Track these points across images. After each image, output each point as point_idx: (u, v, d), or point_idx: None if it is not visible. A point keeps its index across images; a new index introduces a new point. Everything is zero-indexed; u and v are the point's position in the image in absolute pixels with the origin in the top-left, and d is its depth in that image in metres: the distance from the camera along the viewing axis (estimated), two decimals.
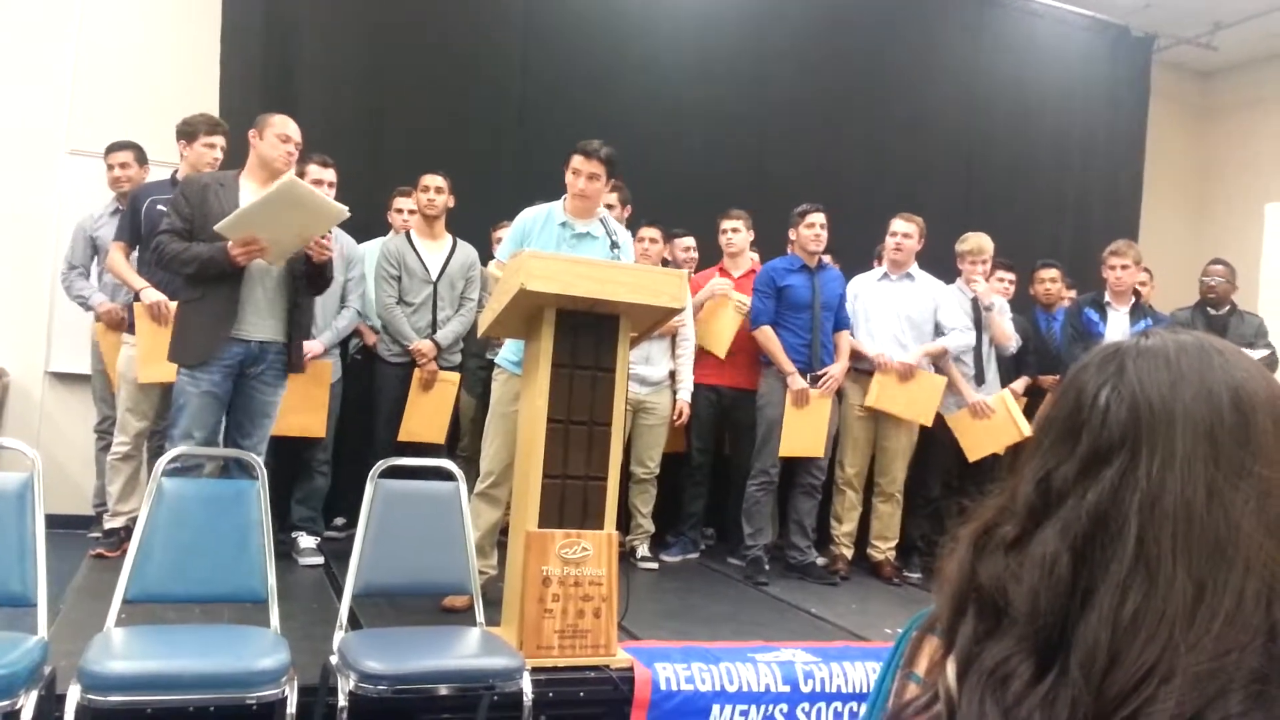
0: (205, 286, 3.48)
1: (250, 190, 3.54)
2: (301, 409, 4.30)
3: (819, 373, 4.74)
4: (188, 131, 4.26)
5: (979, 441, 4.95)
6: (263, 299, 3.54)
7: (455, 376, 4.68)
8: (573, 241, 3.76)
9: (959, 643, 0.75)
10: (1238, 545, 0.68)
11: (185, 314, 3.57)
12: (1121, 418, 0.73)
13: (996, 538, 0.76)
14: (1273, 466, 0.71)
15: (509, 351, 3.78)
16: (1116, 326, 4.96)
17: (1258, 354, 5.22)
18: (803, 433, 4.72)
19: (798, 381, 4.68)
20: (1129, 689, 0.66)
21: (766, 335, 4.75)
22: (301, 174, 4.36)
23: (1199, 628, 0.66)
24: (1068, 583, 0.70)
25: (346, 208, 3.51)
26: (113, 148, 4.57)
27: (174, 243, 3.47)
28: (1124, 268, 4.93)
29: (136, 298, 4.03)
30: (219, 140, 4.28)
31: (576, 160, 3.73)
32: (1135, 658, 0.66)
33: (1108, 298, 5.02)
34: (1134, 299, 5.06)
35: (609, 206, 5.01)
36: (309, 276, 3.62)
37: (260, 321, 3.54)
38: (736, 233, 5.07)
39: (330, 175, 4.41)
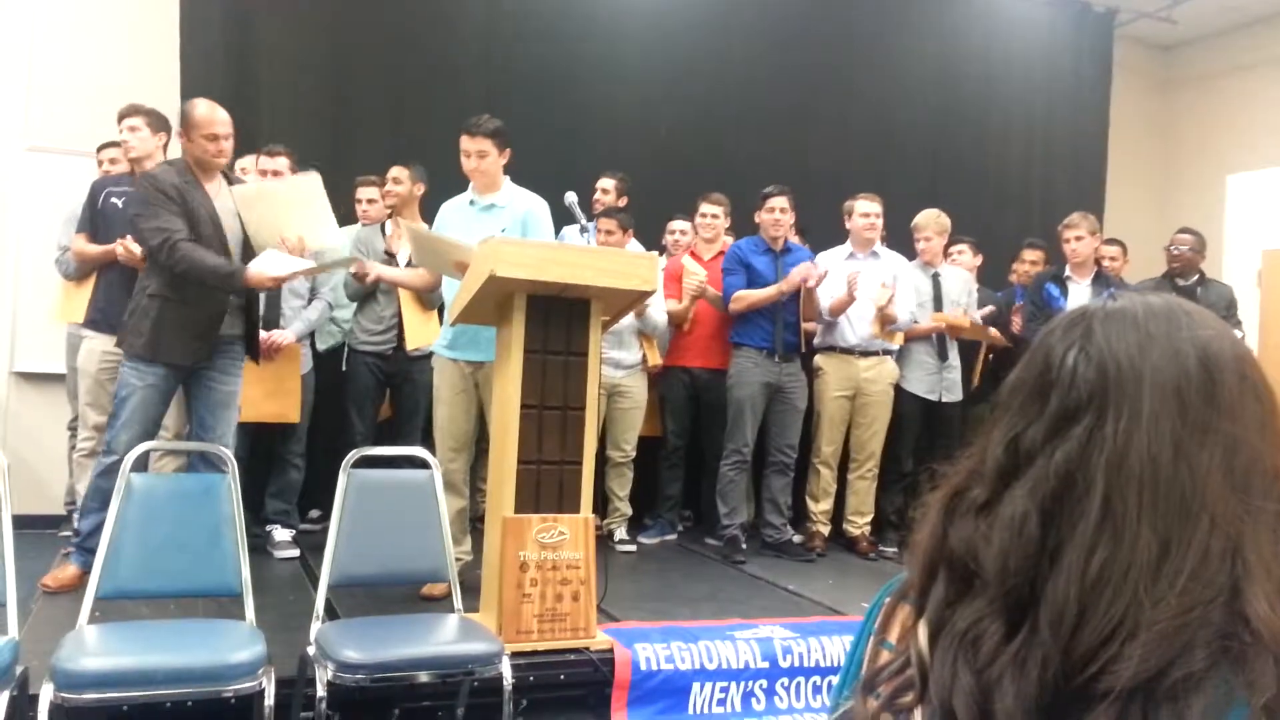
0: (198, 292, 3.47)
1: (215, 193, 3.57)
2: (274, 395, 4.28)
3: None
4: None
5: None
6: (233, 297, 3.57)
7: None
8: (479, 215, 3.80)
9: (930, 607, 0.75)
10: (1203, 502, 0.69)
11: (164, 312, 3.48)
12: (1089, 377, 0.73)
13: (966, 501, 0.76)
14: (1238, 423, 0.71)
15: (442, 337, 3.79)
16: (1078, 299, 4.99)
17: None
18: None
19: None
20: (1096, 645, 0.66)
21: (742, 297, 4.74)
22: (232, 166, 4.32)
23: (1164, 584, 0.67)
24: (1037, 542, 0.70)
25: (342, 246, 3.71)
26: (105, 145, 4.57)
27: (195, 250, 3.42)
28: (1079, 239, 4.96)
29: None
30: (137, 122, 4.16)
31: (463, 141, 3.77)
32: (1102, 614, 0.66)
33: (1068, 271, 5.05)
34: (1095, 270, 5.09)
35: (604, 191, 5.03)
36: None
37: (230, 318, 3.58)
38: (716, 219, 5.10)
39: (278, 164, 4.36)
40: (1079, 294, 4.99)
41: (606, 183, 5.13)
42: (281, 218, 3.56)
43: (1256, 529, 0.69)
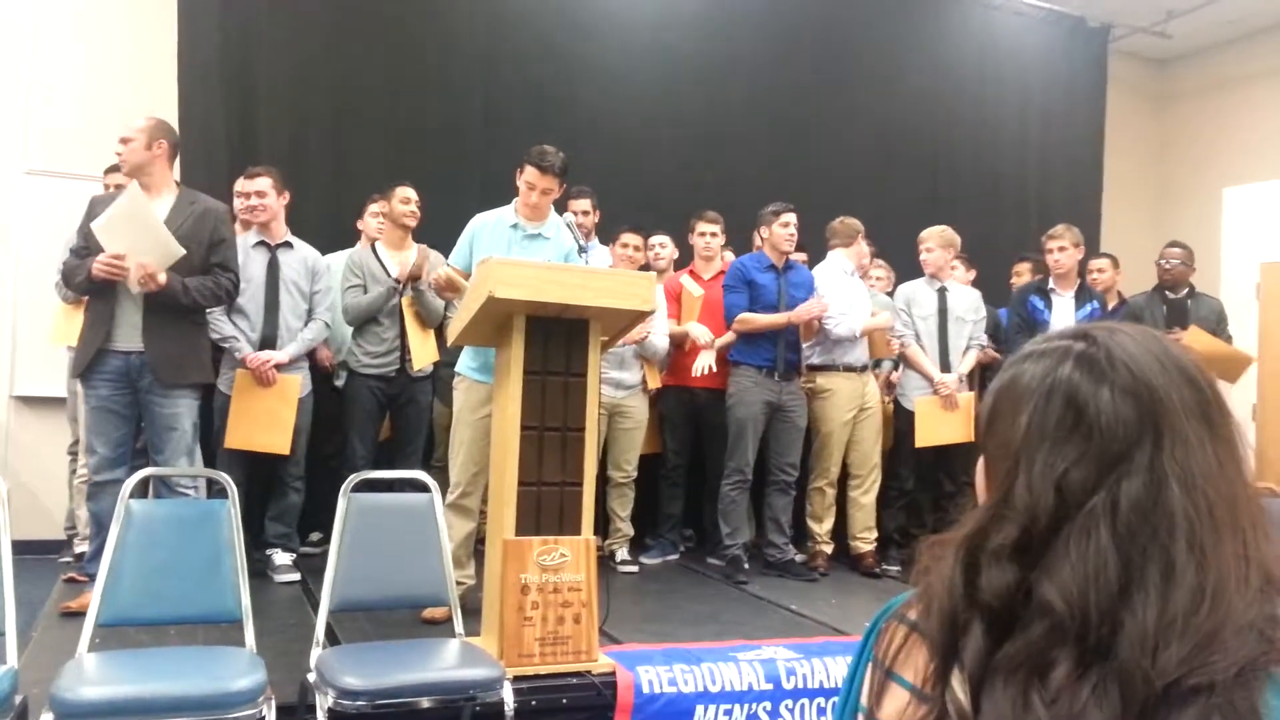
0: (91, 299, 3.60)
1: (162, 206, 3.63)
2: (266, 426, 4.25)
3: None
4: None
5: (932, 431, 4.99)
6: (129, 311, 3.54)
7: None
8: (524, 243, 3.77)
9: (970, 657, 0.75)
10: (1244, 508, 0.74)
11: (82, 328, 3.68)
12: (1129, 412, 0.75)
13: (991, 548, 0.76)
14: (1234, 430, 0.77)
15: (469, 358, 3.76)
16: (1062, 311, 4.99)
17: None
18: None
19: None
20: (1186, 656, 0.69)
21: (747, 320, 4.73)
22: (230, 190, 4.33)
23: (1241, 592, 0.71)
24: (1118, 575, 0.72)
25: (183, 250, 3.50)
26: (111, 169, 4.53)
27: (70, 259, 3.60)
28: (1061, 249, 4.98)
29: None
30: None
31: (531, 174, 3.72)
32: (1194, 631, 0.69)
33: (1051, 283, 5.06)
34: (1079, 282, 5.10)
35: (584, 213, 5.01)
36: (160, 301, 3.54)
37: (129, 333, 3.54)
38: (715, 237, 5.12)
39: (260, 185, 4.33)
40: (1063, 306, 5.01)
41: (584, 204, 4.98)
42: (134, 243, 3.46)
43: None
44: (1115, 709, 0.68)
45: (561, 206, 4.88)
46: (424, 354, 4.59)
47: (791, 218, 4.80)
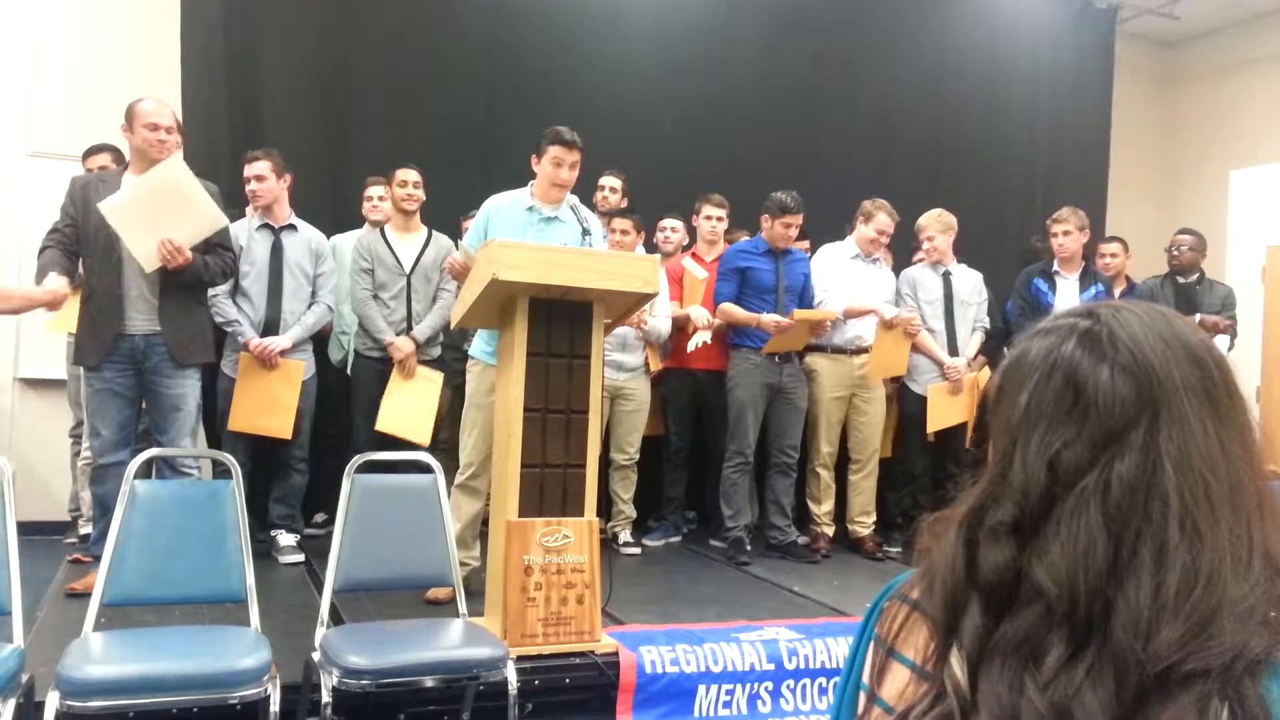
0: (91, 285, 3.58)
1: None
2: (269, 409, 4.27)
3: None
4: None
5: (943, 415, 4.98)
6: (139, 293, 3.55)
7: (438, 375, 4.52)
8: (540, 225, 3.75)
9: (968, 638, 0.74)
10: (1247, 491, 0.72)
11: (80, 315, 3.66)
12: (1127, 392, 0.74)
13: (988, 526, 0.76)
14: (1243, 411, 0.76)
15: (483, 342, 3.76)
16: (1066, 295, 4.98)
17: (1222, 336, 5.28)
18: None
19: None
20: (1182, 639, 0.68)
21: (727, 311, 4.75)
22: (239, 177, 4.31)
23: (1240, 575, 0.70)
24: (1108, 558, 0.71)
25: (227, 220, 3.57)
26: (90, 151, 4.49)
27: (48, 241, 3.62)
28: (1066, 233, 4.98)
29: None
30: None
31: (557, 150, 3.70)
32: (1187, 616, 0.68)
33: (1055, 266, 5.05)
34: (1083, 265, 5.09)
35: (612, 190, 5.04)
36: (181, 278, 3.56)
37: (140, 315, 3.56)
38: (720, 221, 5.11)
39: (259, 169, 4.33)
40: (1066, 289, 5.00)
41: (613, 181, 5.10)
42: (159, 218, 3.47)
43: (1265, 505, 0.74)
44: (1110, 693, 0.68)
45: (593, 182, 4.90)
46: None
47: (795, 220, 4.76)
